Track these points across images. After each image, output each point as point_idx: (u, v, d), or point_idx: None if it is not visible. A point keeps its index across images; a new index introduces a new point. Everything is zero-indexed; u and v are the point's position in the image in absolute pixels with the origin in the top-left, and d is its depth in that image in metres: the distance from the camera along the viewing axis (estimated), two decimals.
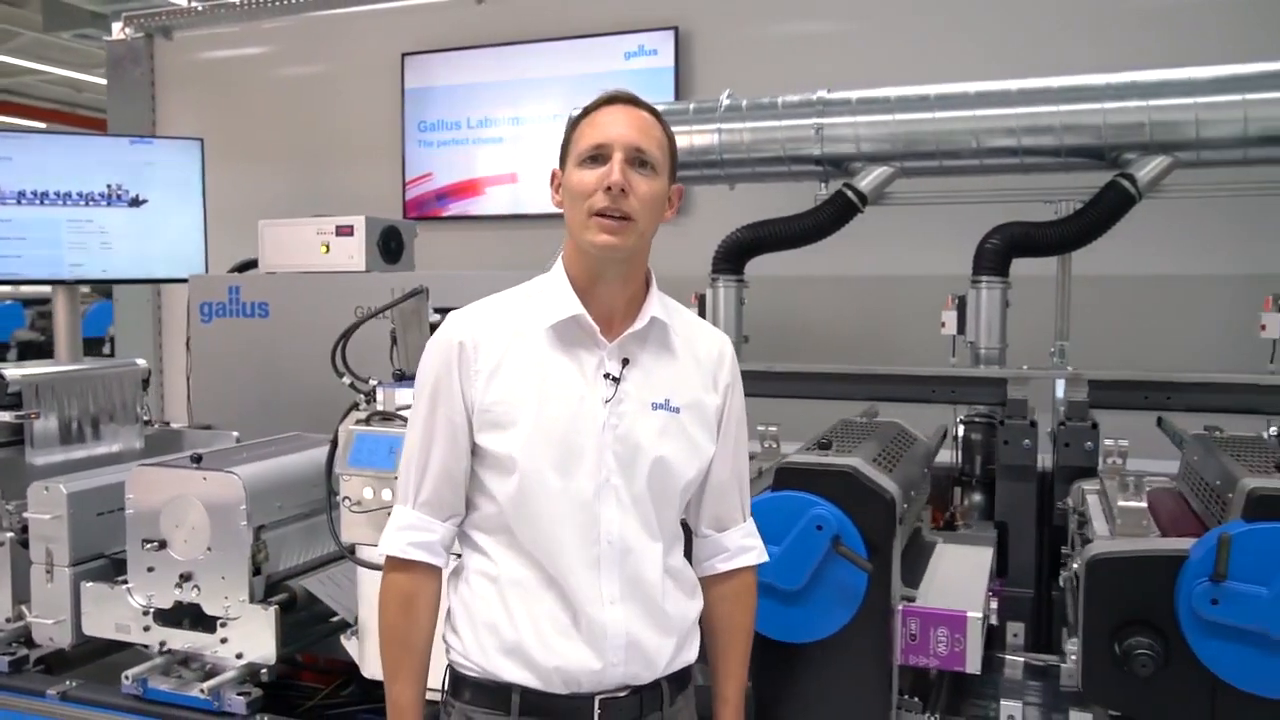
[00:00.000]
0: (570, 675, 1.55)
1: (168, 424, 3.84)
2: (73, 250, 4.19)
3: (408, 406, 2.33)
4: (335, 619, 2.58)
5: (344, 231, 3.70)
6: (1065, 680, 1.84)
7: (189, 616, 2.54)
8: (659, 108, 1.62)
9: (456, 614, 1.65)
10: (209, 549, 2.49)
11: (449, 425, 1.61)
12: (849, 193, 3.18)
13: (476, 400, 1.59)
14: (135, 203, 4.26)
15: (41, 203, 4.10)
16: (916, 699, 2.00)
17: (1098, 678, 1.74)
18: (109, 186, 4.21)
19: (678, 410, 1.62)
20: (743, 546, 1.73)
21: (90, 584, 2.62)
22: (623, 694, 1.58)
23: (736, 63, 4.46)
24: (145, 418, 3.26)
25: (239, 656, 2.49)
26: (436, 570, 1.65)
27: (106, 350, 7.09)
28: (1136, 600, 1.71)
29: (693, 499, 1.70)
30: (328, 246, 3.72)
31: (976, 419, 2.79)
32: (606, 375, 1.59)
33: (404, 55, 5.03)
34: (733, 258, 3.25)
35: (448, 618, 1.66)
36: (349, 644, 2.37)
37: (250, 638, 2.47)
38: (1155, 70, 2.95)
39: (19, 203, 4.06)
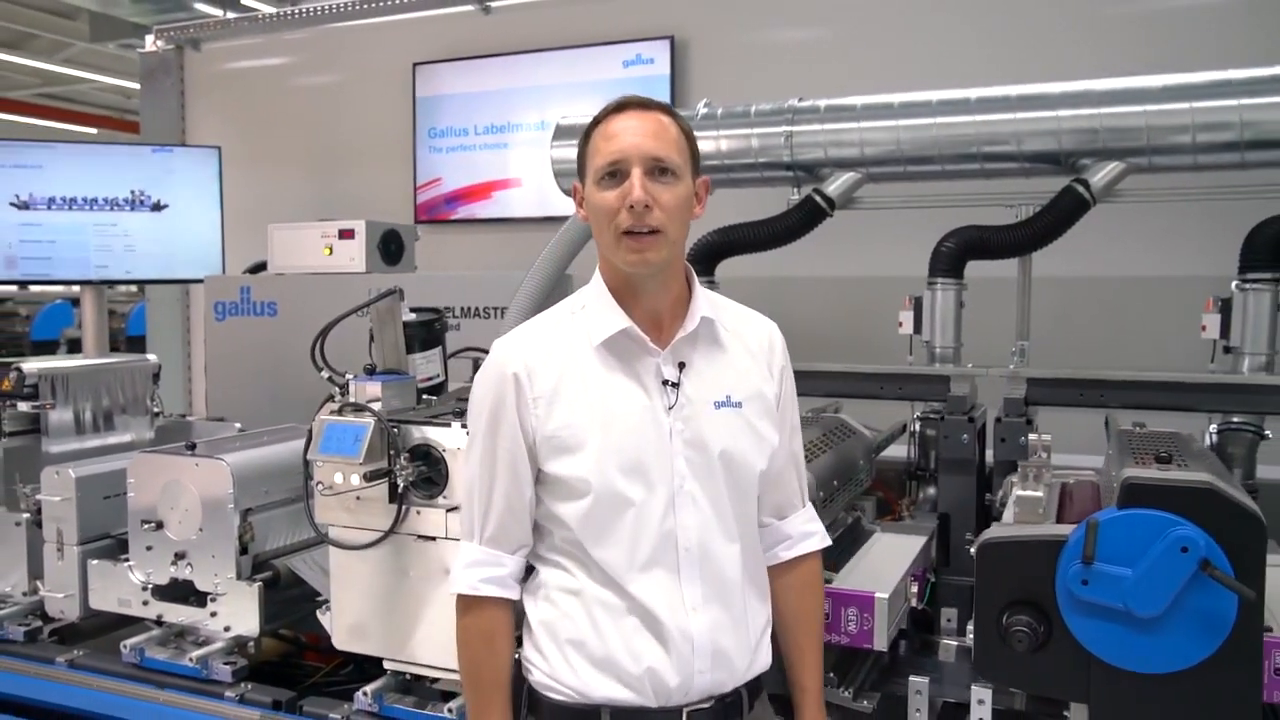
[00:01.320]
0: (660, 684, 1.54)
1: (184, 416, 4.08)
2: (99, 253, 4.47)
3: (377, 400, 2.54)
4: (321, 597, 2.77)
5: (346, 235, 3.91)
6: None
7: (184, 592, 2.75)
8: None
9: (538, 634, 1.61)
10: (200, 530, 2.71)
11: (509, 457, 1.59)
12: (818, 197, 3.30)
13: (538, 429, 1.57)
14: (157, 207, 4.53)
15: (70, 208, 4.39)
16: None
17: (987, 654, 1.85)
18: (133, 192, 4.48)
19: (740, 405, 1.61)
20: (805, 532, 1.72)
21: (96, 561, 2.85)
22: (707, 705, 1.57)
23: (731, 71, 4.60)
24: (156, 409, 3.49)
25: (227, 629, 2.70)
26: (508, 603, 1.64)
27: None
28: (1021, 581, 1.83)
29: None
30: (331, 249, 3.93)
31: (930, 415, 2.91)
32: (665, 382, 1.58)
33: (415, 65, 5.24)
34: (704, 260, 3.39)
35: (528, 638, 1.64)
36: (323, 618, 2.56)
37: (237, 612, 2.68)
38: (1109, 79, 3.03)
39: (49, 208, 4.35)
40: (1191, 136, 2.90)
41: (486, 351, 3.20)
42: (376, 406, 2.48)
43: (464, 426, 2.37)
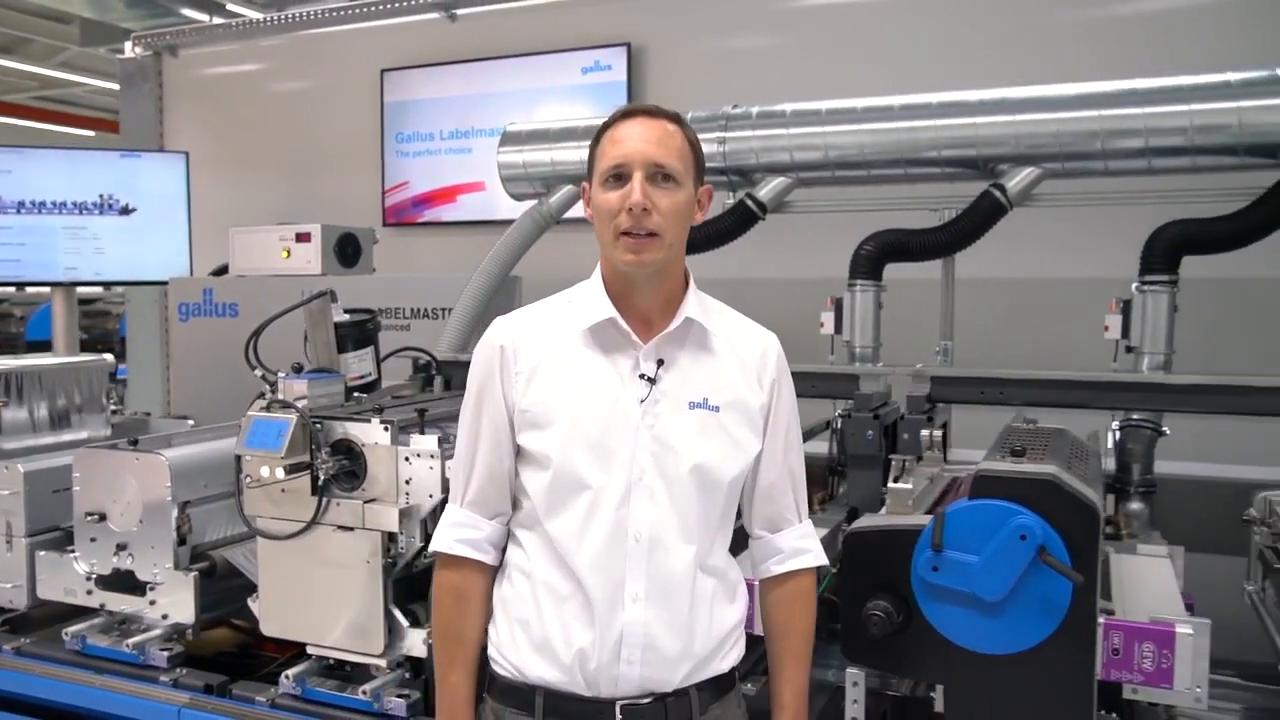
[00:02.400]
0: (588, 670, 1.56)
1: (148, 414, 4.20)
2: (68, 255, 4.61)
3: (304, 397, 2.66)
4: None
5: (303, 238, 4.03)
6: None
7: (126, 582, 2.87)
8: (689, 115, 1.68)
9: (496, 610, 1.68)
10: (141, 522, 2.82)
11: (492, 427, 1.65)
12: (749, 202, 3.41)
13: (517, 401, 1.63)
14: (125, 211, 4.66)
15: (39, 211, 4.52)
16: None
17: (853, 639, 1.95)
18: (101, 196, 4.61)
19: (717, 409, 1.62)
20: (797, 549, 1.71)
21: (44, 553, 2.97)
22: (645, 700, 1.57)
23: (686, 77, 4.71)
24: (113, 407, 3.61)
25: (165, 617, 2.81)
26: (485, 566, 1.69)
27: None
28: (883, 569, 1.92)
29: (744, 500, 1.70)
30: (288, 252, 4.05)
31: (844, 413, 3.00)
32: (642, 376, 1.61)
33: (383, 71, 5.36)
34: None
35: (493, 614, 1.70)
36: (254, 605, 2.67)
37: (175, 601, 2.79)
38: (1025, 87, 3.13)
39: (19, 211, 4.48)
40: (1101, 143, 3.00)
41: (424, 351, 3.35)
42: (303, 403, 2.59)
43: (384, 424, 2.49)
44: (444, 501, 2.46)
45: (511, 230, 3.73)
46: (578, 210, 4.42)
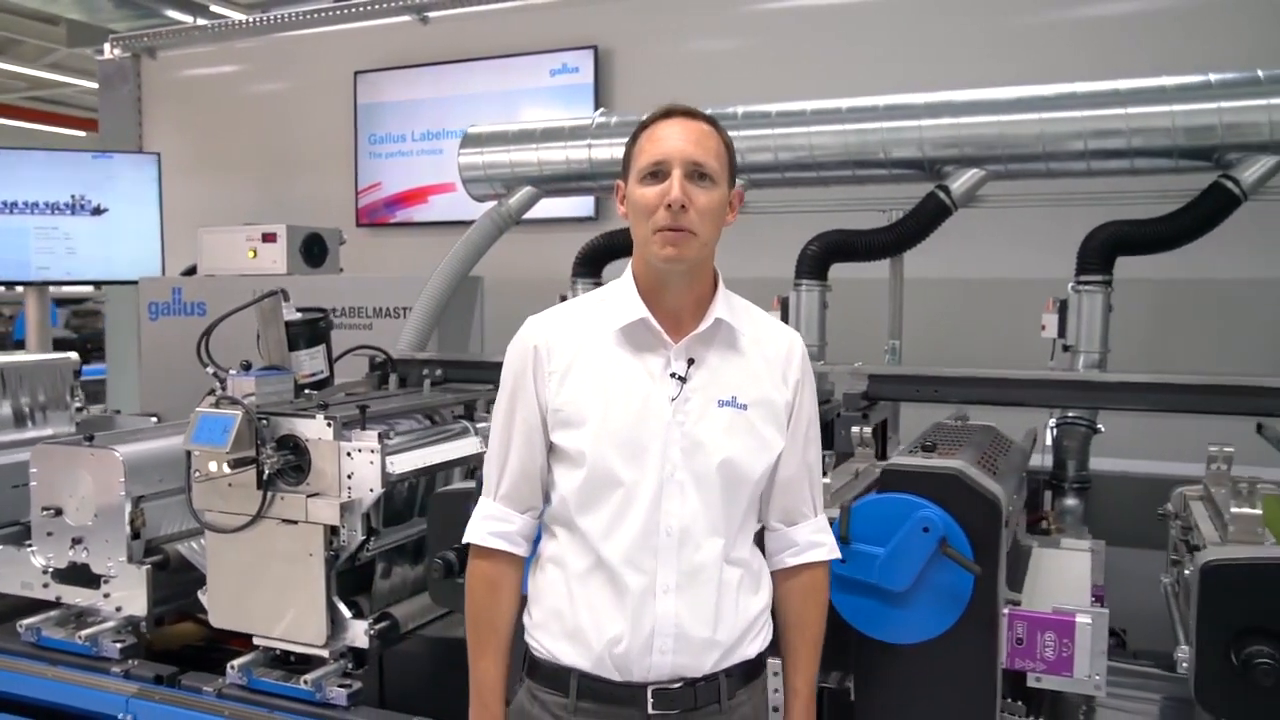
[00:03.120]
0: (621, 660, 1.60)
1: (117, 412, 4.26)
2: (40, 254, 4.66)
3: (251, 394, 2.71)
4: None
5: (269, 238, 4.09)
6: None
7: (82, 575, 2.92)
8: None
9: (532, 597, 1.72)
10: (96, 516, 2.87)
11: (525, 425, 1.68)
12: None
13: (550, 400, 1.65)
14: (97, 211, 4.71)
15: (11, 212, 4.57)
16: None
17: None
18: (73, 197, 4.67)
19: (745, 407, 1.65)
20: (812, 542, 1.74)
21: (2, 547, 3.02)
22: (676, 685, 1.61)
23: (651, 79, 4.76)
24: (78, 405, 3.66)
25: (118, 610, 2.86)
26: (517, 558, 1.72)
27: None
28: None
29: (763, 493, 1.72)
30: (255, 251, 4.10)
31: None
32: (673, 375, 1.63)
33: (356, 73, 5.41)
34: (590, 262, 3.56)
35: (527, 602, 1.74)
36: (203, 597, 2.72)
37: (128, 593, 2.84)
38: (968, 90, 3.19)
39: None
40: (1042, 145, 3.06)
41: (379, 349, 3.41)
42: (251, 400, 2.65)
43: (327, 419, 2.55)
44: (384, 496, 2.58)
45: (471, 231, 3.78)
46: (539, 211, 4.52)
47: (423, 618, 2.70)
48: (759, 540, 1.74)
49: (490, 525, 1.72)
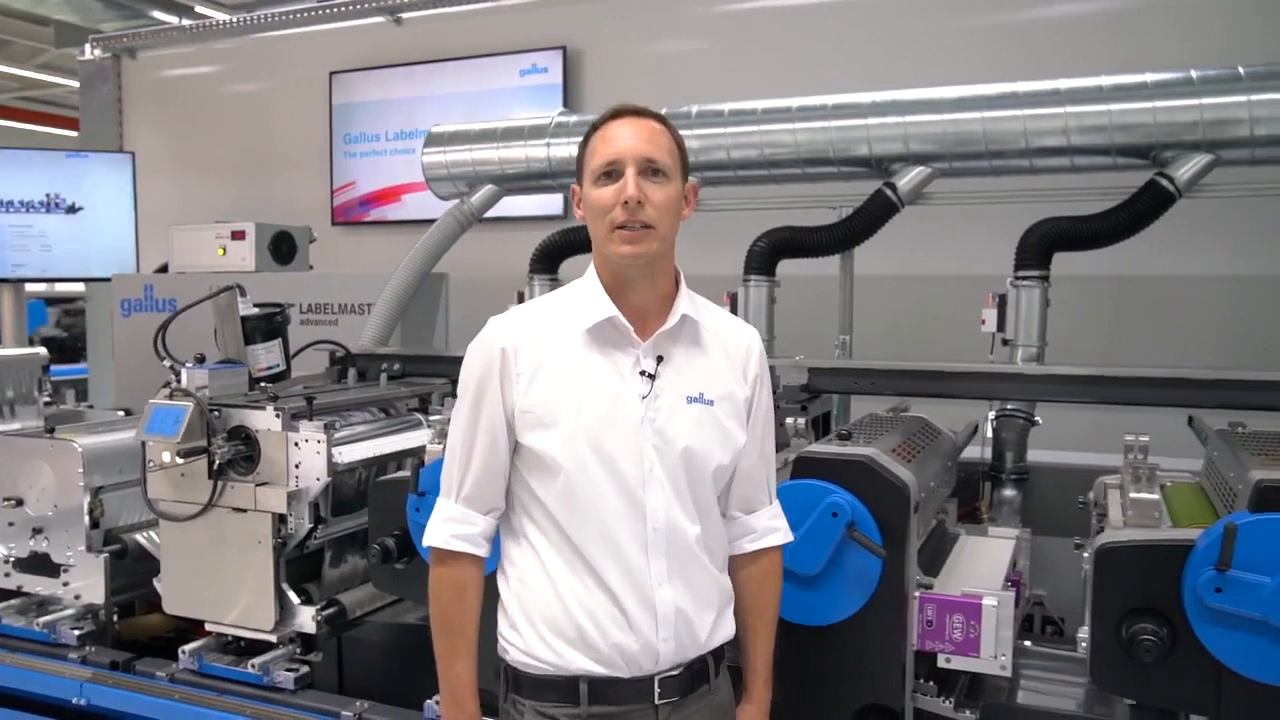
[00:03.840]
0: (629, 655, 1.61)
1: (90, 406, 4.31)
2: (15, 252, 4.73)
3: (205, 386, 2.78)
4: None
5: (237, 236, 4.15)
6: None
7: (44, 565, 2.98)
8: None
9: (513, 613, 1.68)
10: (55, 506, 2.94)
11: (490, 425, 1.66)
12: None
13: (518, 402, 1.64)
14: (72, 210, 4.78)
15: None
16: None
17: None
18: (48, 195, 4.74)
19: (712, 403, 1.67)
20: (769, 527, 1.78)
21: None
22: (676, 672, 1.64)
23: (618, 78, 4.83)
24: (46, 399, 3.72)
25: (77, 598, 2.93)
26: (479, 559, 1.71)
27: None
28: None
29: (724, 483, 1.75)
30: (224, 249, 4.17)
31: None
32: (642, 373, 1.65)
33: (332, 74, 5.48)
34: (547, 259, 3.62)
35: (503, 616, 1.71)
36: (158, 584, 2.79)
37: (86, 582, 2.91)
38: (914, 89, 3.25)
39: None
40: (984, 144, 3.12)
41: (339, 344, 3.47)
42: (204, 393, 2.71)
43: (276, 411, 2.61)
44: (334, 486, 2.64)
45: (433, 229, 3.85)
46: (507, 209, 4.59)
47: (371, 605, 2.77)
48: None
49: (452, 528, 1.69)
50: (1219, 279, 3.94)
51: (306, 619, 2.61)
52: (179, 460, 2.61)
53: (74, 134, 14.06)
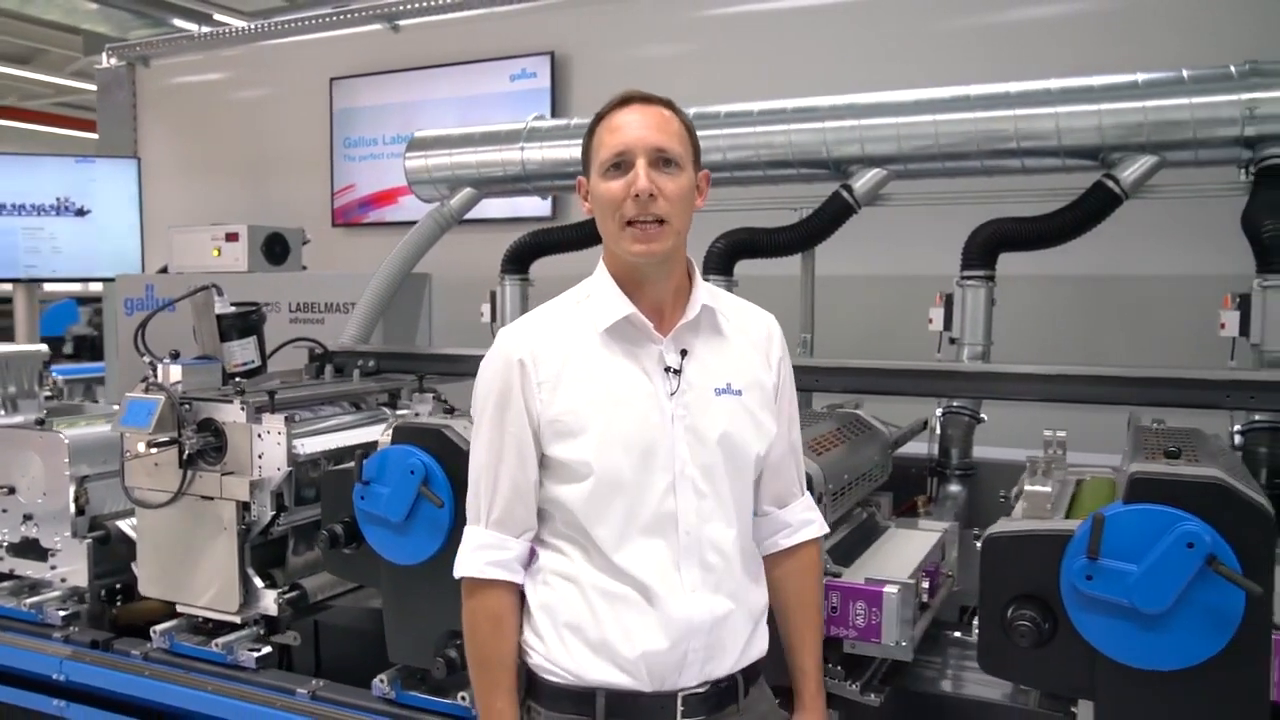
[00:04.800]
0: (654, 667, 1.55)
1: (95, 401, 4.51)
2: (27, 254, 4.95)
3: (179, 381, 2.92)
4: None
5: (231, 237, 4.32)
6: None
7: (35, 550, 3.15)
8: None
9: (537, 617, 1.62)
10: (44, 494, 3.11)
11: (516, 441, 1.59)
12: None
13: (542, 413, 1.58)
14: (81, 213, 4.99)
15: (0, 213, 4.86)
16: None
17: None
18: (58, 199, 4.96)
19: (740, 392, 1.62)
20: (804, 520, 1.73)
21: None
22: (702, 690, 1.57)
23: (606, 83, 4.82)
24: (47, 393, 3.90)
25: (64, 580, 3.10)
26: (515, 587, 1.64)
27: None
28: None
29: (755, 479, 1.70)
30: (219, 250, 4.33)
31: None
32: (667, 369, 1.59)
33: (332, 80, 5.64)
34: (518, 259, 3.73)
35: (527, 621, 1.64)
36: (136, 568, 2.94)
37: (72, 566, 3.08)
38: (872, 93, 3.32)
39: None
40: (938, 146, 3.19)
41: (317, 341, 3.61)
42: (177, 386, 2.86)
43: (241, 404, 2.75)
44: (292, 475, 2.78)
45: (413, 231, 3.98)
46: (497, 210, 4.71)
47: (332, 589, 2.89)
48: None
49: (486, 555, 1.62)
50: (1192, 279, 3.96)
51: (269, 602, 2.74)
52: (151, 450, 2.75)
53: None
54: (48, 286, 10.47)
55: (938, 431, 3.07)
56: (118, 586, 3.09)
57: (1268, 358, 2.66)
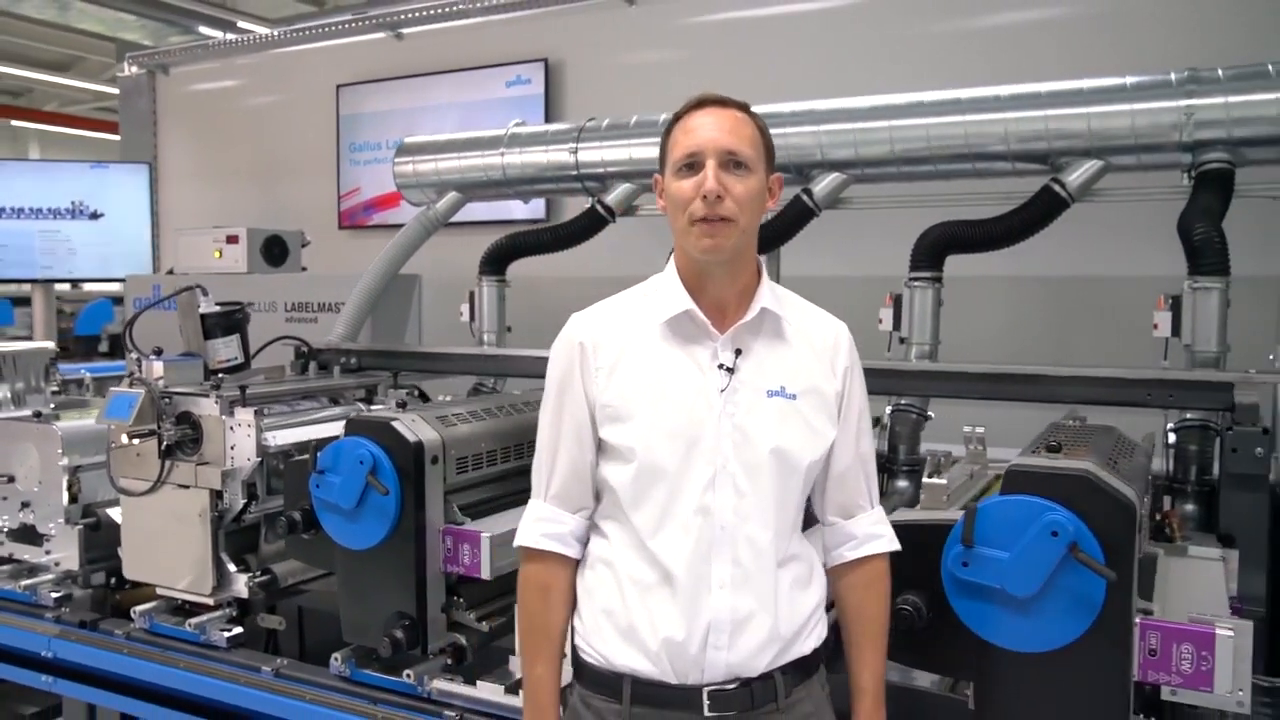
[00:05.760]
0: (677, 657, 1.58)
1: (100, 395, 4.71)
2: (44, 255, 5.20)
3: (161, 377, 3.10)
4: None
5: (231, 240, 4.51)
6: None
7: (30, 535, 3.35)
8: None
9: (580, 599, 1.70)
10: (40, 483, 3.30)
11: (574, 422, 1.67)
12: (599, 207, 3.76)
13: (598, 397, 1.64)
14: (94, 216, 5.23)
15: (18, 217, 5.11)
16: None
17: None
18: (73, 203, 5.19)
19: (794, 397, 1.63)
20: (871, 534, 1.73)
21: None
22: (731, 686, 1.59)
23: (598, 89, 5.07)
24: (54, 388, 4.11)
25: (57, 564, 3.29)
26: (569, 560, 1.69)
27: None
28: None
29: (816, 486, 1.71)
30: (220, 252, 4.52)
31: None
32: (721, 366, 1.62)
33: (339, 86, 5.83)
34: (495, 261, 3.87)
35: (576, 604, 1.72)
36: (122, 553, 3.12)
37: (65, 551, 3.27)
38: (832, 99, 3.41)
39: (0, 217, 5.08)
40: (892, 150, 3.27)
41: (301, 339, 3.78)
42: (159, 381, 3.03)
43: (216, 399, 2.91)
44: (263, 465, 2.94)
45: (400, 234, 4.14)
46: (493, 212, 4.85)
47: (303, 574, 3.04)
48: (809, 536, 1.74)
49: (542, 527, 1.69)
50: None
51: (241, 585, 2.90)
52: (133, 441, 2.93)
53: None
54: (85, 287, 10.91)
55: (887, 428, 3.15)
56: (118, 573, 3.27)
57: (1198, 358, 2.72)
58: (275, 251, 4.59)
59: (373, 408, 3.32)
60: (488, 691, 2.40)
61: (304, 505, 2.66)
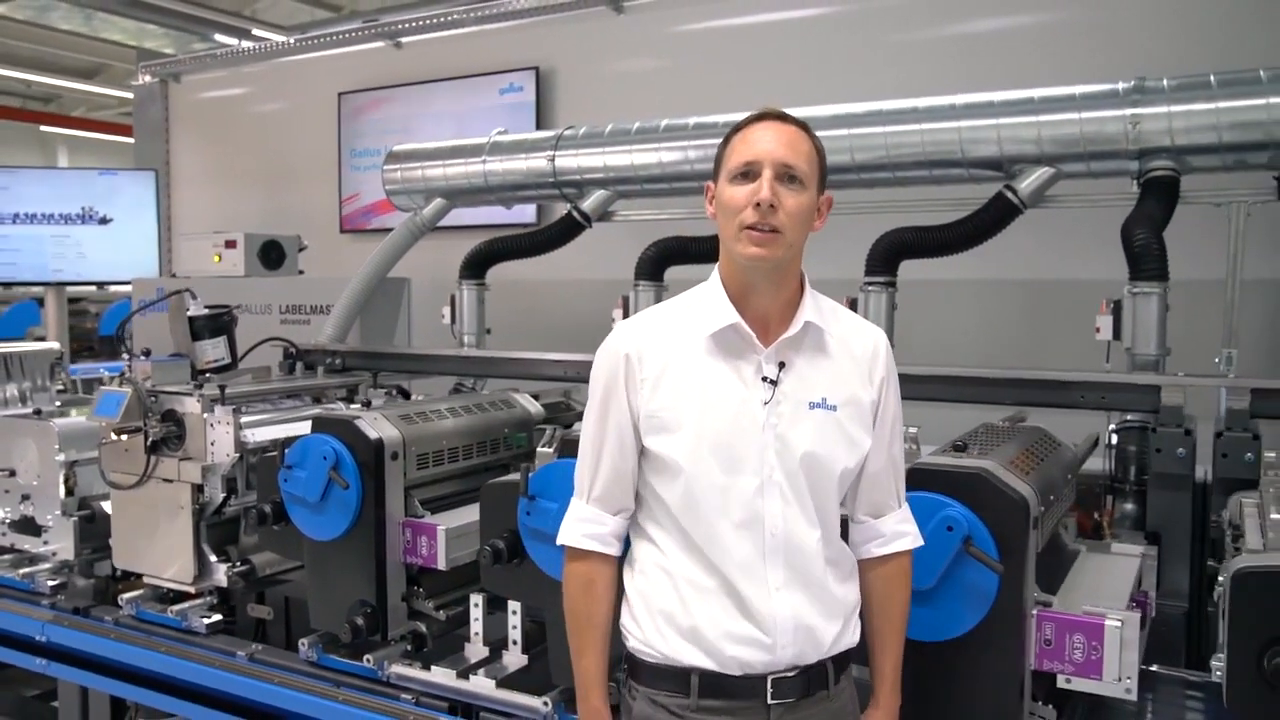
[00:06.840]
0: (744, 659, 1.65)
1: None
2: (55, 259, 5.40)
3: (149, 376, 3.25)
4: None
5: (230, 244, 4.67)
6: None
7: (30, 526, 3.52)
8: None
9: (634, 603, 1.75)
10: (39, 477, 3.47)
11: (617, 430, 1.72)
12: (575, 213, 3.87)
13: (642, 407, 1.69)
14: (104, 221, 5.42)
15: (31, 222, 5.32)
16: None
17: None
18: (83, 209, 5.39)
19: (835, 408, 1.68)
20: (898, 532, 1.78)
21: None
22: (792, 674, 1.67)
23: (587, 96, 5.19)
24: (59, 387, 4.29)
25: (54, 554, 3.46)
26: (610, 558, 1.77)
27: None
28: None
29: (849, 487, 1.77)
30: (219, 256, 4.69)
31: None
32: (764, 379, 1.66)
33: (340, 94, 6.00)
34: (475, 265, 4.00)
35: (625, 606, 1.77)
36: (113, 544, 3.28)
37: (61, 541, 3.43)
38: (791, 109, 3.49)
39: (14, 222, 5.29)
40: (852, 157, 3.36)
41: (288, 341, 3.93)
42: (148, 382, 3.19)
43: (198, 398, 3.06)
44: (243, 460, 3.08)
45: (388, 239, 4.28)
46: (487, 217, 4.97)
47: (280, 565, 3.19)
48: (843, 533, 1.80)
49: (584, 528, 1.76)
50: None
51: (221, 575, 3.05)
52: (120, 437, 3.09)
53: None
54: (111, 288, 11.22)
55: None
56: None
57: (1138, 361, 2.79)
58: (272, 256, 4.75)
59: (350, 407, 3.46)
60: (442, 676, 2.53)
61: (274, 499, 2.80)
